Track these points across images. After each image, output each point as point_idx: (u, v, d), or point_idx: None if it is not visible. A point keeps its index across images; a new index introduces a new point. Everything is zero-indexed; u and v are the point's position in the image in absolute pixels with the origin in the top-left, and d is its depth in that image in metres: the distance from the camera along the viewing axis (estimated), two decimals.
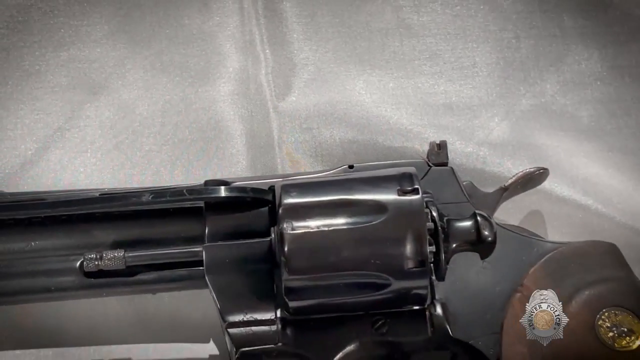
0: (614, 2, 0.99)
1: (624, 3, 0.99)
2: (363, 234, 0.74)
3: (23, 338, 0.85)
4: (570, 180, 0.91)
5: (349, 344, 0.78)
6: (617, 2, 1.00)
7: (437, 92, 0.96)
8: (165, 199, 0.80)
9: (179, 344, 0.85)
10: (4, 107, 0.94)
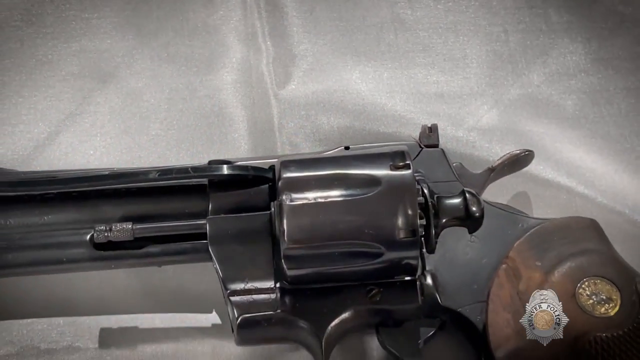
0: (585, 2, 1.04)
1: (607, 0, 1.04)
2: (357, 205, 0.79)
3: (35, 308, 0.89)
4: (555, 164, 0.95)
5: (344, 311, 0.82)
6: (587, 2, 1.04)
7: (429, 82, 1.00)
8: (171, 176, 0.84)
9: (182, 314, 0.89)
10: (19, 94, 0.98)
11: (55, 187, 0.85)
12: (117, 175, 0.85)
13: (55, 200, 0.85)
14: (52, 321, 0.89)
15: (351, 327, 0.83)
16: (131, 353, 0.87)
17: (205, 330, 0.88)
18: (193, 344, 0.88)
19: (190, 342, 0.88)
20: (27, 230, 0.84)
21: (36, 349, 0.88)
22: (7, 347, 0.87)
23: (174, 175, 0.84)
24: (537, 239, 0.84)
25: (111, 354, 0.87)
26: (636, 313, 0.79)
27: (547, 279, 0.81)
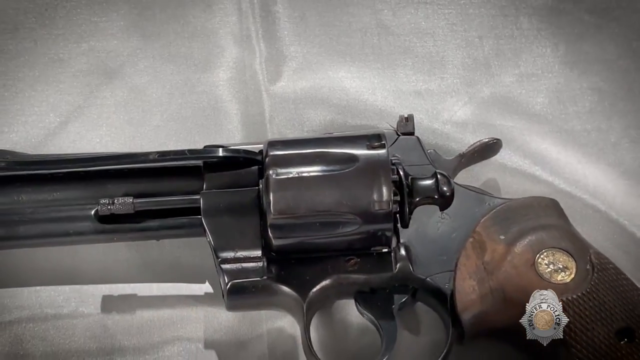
0: (566, 9, 1.13)
1: (575, 10, 1.13)
2: (336, 180, 0.87)
3: (43, 276, 0.97)
4: (522, 154, 1.04)
5: (325, 279, 0.90)
6: (569, 9, 1.13)
7: (409, 81, 1.09)
8: (169, 157, 0.93)
9: (178, 284, 0.97)
10: (32, 88, 1.07)
11: (63, 167, 0.93)
12: (120, 156, 0.94)
13: (63, 179, 0.92)
14: (58, 289, 0.96)
15: (331, 293, 0.91)
16: (130, 318, 0.95)
17: (198, 298, 0.96)
18: (187, 310, 0.96)
19: (185, 309, 0.96)
20: (37, 205, 0.92)
21: (44, 313, 0.95)
22: (17, 311, 0.95)
23: (171, 157, 0.92)
24: (502, 215, 0.92)
25: (112, 318, 0.95)
26: (589, 280, 0.86)
27: (509, 250, 0.89)
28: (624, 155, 1.05)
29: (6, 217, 0.92)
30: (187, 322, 0.95)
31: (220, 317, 0.95)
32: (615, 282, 0.87)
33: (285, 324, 0.95)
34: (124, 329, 0.95)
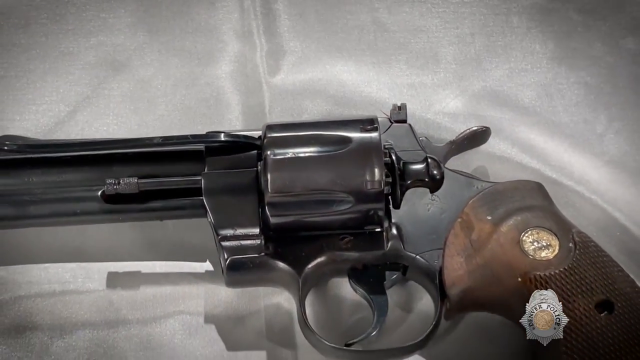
0: (555, 8, 1.18)
1: (563, 9, 1.19)
2: (330, 160, 0.92)
3: (52, 254, 1.02)
4: (511, 143, 1.09)
5: (320, 256, 0.95)
6: (557, 7, 1.19)
7: (403, 75, 1.14)
8: (172, 141, 0.97)
9: (180, 262, 1.02)
10: (43, 79, 1.13)
11: (71, 150, 0.98)
12: (126, 140, 0.98)
13: (71, 162, 0.97)
14: (66, 266, 1.01)
15: (326, 270, 0.95)
16: (134, 293, 1.00)
17: (199, 275, 1.01)
18: (188, 287, 1.00)
19: (186, 286, 1.00)
20: (46, 186, 0.96)
21: (52, 288, 1.00)
22: (27, 286, 1.00)
23: (174, 141, 0.97)
24: (489, 197, 0.96)
25: (117, 293, 1.00)
26: (571, 257, 0.91)
27: (496, 229, 0.93)
28: (609, 145, 1.10)
29: (17, 197, 0.96)
30: (188, 297, 0.99)
31: (220, 293, 0.99)
32: (595, 258, 0.91)
33: (282, 301, 0.99)
34: (128, 303, 0.99)
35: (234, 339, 0.98)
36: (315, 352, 0.95)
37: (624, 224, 1.03)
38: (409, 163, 0.94)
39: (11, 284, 1.00)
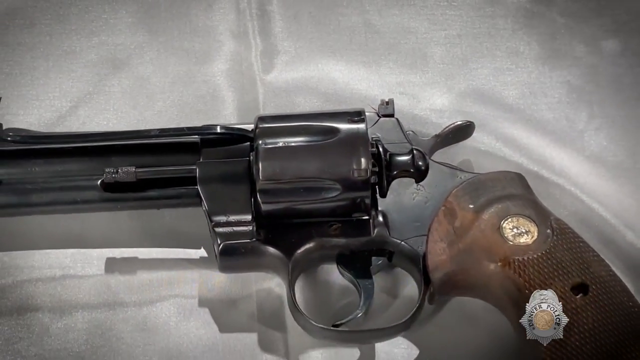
0: (539, 11, 1.23)
1: (547, 12, 1.23)
2: (319, 149, 0.96)
3: (53, 241, 1.06)
4: (495, 138, 1.13)
5: (309, 242, 0.99)
6: (542, 11, 1.24)
7: (392, 74, 1.19)
8: (169, 133, 1.02)
9: (175, 249, 1.06)
10: (47, 76, 1.17)
11: (72, 142, 1.02)
12: (124, 133, 1.03)
13: (73, 152, 1.01)
14: (66, 252, 1.05)
15: (315, 256, 1.00)
16: (131, 278, 1.04)
17: (194, 261, 1.05)
18: (183, 272, 1.04)
19: (181, 271, 1.04)
20: (48, 175, 1.01)
21: (53, 273, 1.04)
22: (29, 270, 1.04)
23: (171, 133, 1.02)
24: (472, 187, 1.00)
25: (115, 278, 1.04)
26: (549, 242, 0.95)
27: (477, 217, 0.97)
28: (589, 141, 1.14)
29: (20, 186, 1.01)
30: (183, 282, 1.04)
31: (214, 278, 1.03)
32: (572, 244, 0.95)
33: (273, 286, 1.04)
34: (126, 287, 1.03)
35: (227, 321, 1.02)
36: (304, 334, 0.99)
37: (601, 215, 1.08)
38: (395, 154, 0.99)
39: (14, 268, 1.04)
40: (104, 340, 1.01)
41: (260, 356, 1.00)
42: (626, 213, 1.08)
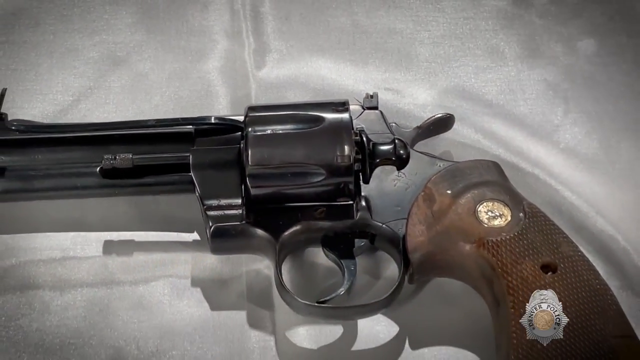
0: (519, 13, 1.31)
1: (526, 15, 1.30)
2: (305, 136, 1.03)
3: (54, 224, 1.11)
4: (474, 130, 1.19)
5: (296, 224, 1.04)
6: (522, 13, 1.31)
7: (378, 71, 1.26)
8: (165, 123, 1.08)
9: (170, 233, 1.11)
10: (50, 72, 1.24)
11: (73, 131, 1.09)
12: (122, 123, 1.10)
13: (74, 141, 1.08)
14: (67, 235, 1.11)
15: (301, 238, 1.05)
16: (127, 259, 1.09)
17: (187, 244, 1.10)
18: (177, 254, 1.10)
19: (175, 253, 1.10)
20: (50, 162, 1.07)
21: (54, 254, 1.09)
22: (31, 252, 1.09)
23: (167, 123, 1.08)
24: (450, 174, 1.06)
25: (112, 259, 1.09)
26: (521, 224, 1.00)
27: (454, 201, 1.03)
28: (564, 134, 1.20)
29: (24, 172, 1.07)
30: (176, 263, 1.09)
31: (206, 260, 1.09)
32: (543, 226, 1.01)
33: (262, 267, 1.09)
34: (122, 268, 1.09)
35: (218, 300, 1.07)
36: (290, 313, 1.04)
37: (574, 202, 1.13)
38: (378, 144, 1.05)
39: (17, 249, 1.10)
40: (101, 317, 1.06)
41: (249, 332, 1.05)
42: (598, 201, 1.14)
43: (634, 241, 1.11)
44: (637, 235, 1.11)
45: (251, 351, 1.04)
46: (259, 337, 1.05)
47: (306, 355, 1.04)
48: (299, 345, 1.05)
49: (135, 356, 1.04)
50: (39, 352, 1.03)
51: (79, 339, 1.05)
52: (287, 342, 1.05)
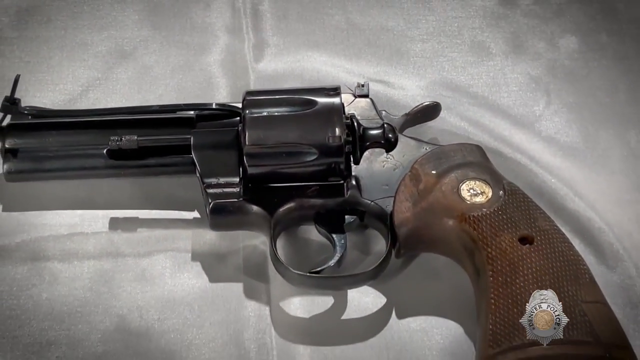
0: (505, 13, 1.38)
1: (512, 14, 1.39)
2: (299, 118, 1.10)
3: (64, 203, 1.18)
4: (460, 119, 1.26)
5: (290, 201, 1.11)
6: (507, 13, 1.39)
7: (370, 65, 1.33)
8: (168, 108, 1.16)
9: (172, 211, 1.19)
10: (61, 64, 1.32)
11: (82, 116, 1.16)
12: (128, 108, 1.18)
13: (82, 125, 1.16)
14: (74, 212, 1.18)
15: (295, 215, 1.12)
16: (132, 234, 1.16)
17: (188, 221, 1.17)
18: (178, 230, 1.17)
19: (177, 229, 1.17)
20: (61, 145, 1.15)
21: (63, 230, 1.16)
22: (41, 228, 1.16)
23: (170, 108, 1.16)
24: (435, 156, 1.13)
25: (117, 234, 1.16)
26: (501, 201, 1.07)
27: (439, 180, 1.09)
28: (545, 123, 1.28)
29: (36, 153, 1.15)
30: (177, 239, 1.16)
31: (205, 236, 1.16)
32: (521, 203, 1.08)
33: (258, 243, 1.16)
34: (127, 242, 1.16)
35: (216, 273, 1.14)
36: (284, 285, 1.12)
37: (553, 186, 1.21)
38: (368, 128, 1.12)
39: (28, 225, 1.17)
40: (107, 288, 1.13)
41: (245, 302, 1.12)
42: (576, 185, 1.21)
43: (609, 221, 1.18)
44: (612, 215, 1.18)
45: (247, 319, 1.11)
46: (254, 306, 1.12)
47: (299, 324, 1.11)
48: (292, 314, 1.12)
49: (139, 323, 1.10)
50: (48, 319, 1.10)
51: (86, 308, 1.12)
52: (281, 311, 1.12)
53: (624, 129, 1.27)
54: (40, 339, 1.09)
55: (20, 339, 1.09)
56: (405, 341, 1.10)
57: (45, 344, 1.09)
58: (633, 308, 1.11)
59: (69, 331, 1.10)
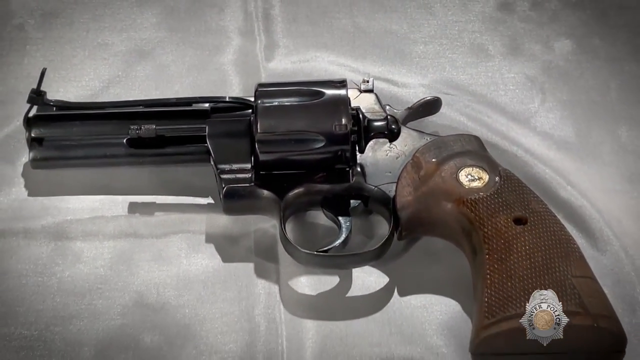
0: (503, 17, 1.46)
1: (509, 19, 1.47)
2: (307, 107, 1.17)
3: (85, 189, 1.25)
4: (459, 114, 1.34)
5: (299, 187, 1.18)
6: (505, 17, 1.47)
7: (375, 65, 1.41)
8: (184, 101, 1.24)
9: (188, 197, 1.26)
10: (83, 63, 1.40)
11: (104, 107, 1.24)
12: (148, 101, 1.25)
13: (104, 116, 1.23)
14: (96, 197, 1.25)
15: (303, 200, 1.19)
16: (149, 218, 1.23)
17: (202, 206, 1.25)
18: (193, 215, 1.24)
19: (192, 214, 1.24)
20: (84, 134, 1.22)
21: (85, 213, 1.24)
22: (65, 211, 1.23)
23: (186, 100, 1.24)
24: (435, 145, 1.20)
25: (136, 217, 1.24)
26: (497, 185, 1.14)
27: (439, 167, 1.17)
28: (540, 119, 1.35)
29: (60, 142, 1.23)
30: (192, 222, 1.23)
31: (219, 220, 1.23)
32: (516, 187, 1.15)
33: (269, 227, 1.23)
34: (145, 225, 1.23)
35: (229, 254, 1.21)
36: (293, 265, 1.19)
37: (547, 176, 1.28)
38: (372, 120, 1.20)
39: (52, 209, 1.24)
40: (126, 266, 1.20)
41: (256, 281, 1.19)
42: (569, 175, 1.28)
43: (600, 208, 1.25)
44: (603, 204, 1.25)
45: (257, 296, 1.18)
46: (264, 284, 1.19)
47: (306, 301, 1.18)
48: (300, 292, 1.19)
49: (155, 299, 1.18)
50: (70, 295, 1.17)
51: (106, 284, 1.19)
52: (289, 289, 1.19)
53: (615, 125, 1.35)
54: (63, 313, 1.16)
55: (44, 312, 1.16)
56: (406, 316, 1.16)
57: (67, 317, 1.16)
58: (622, 288, 1.18)
59: (90, 305, 1.17)
